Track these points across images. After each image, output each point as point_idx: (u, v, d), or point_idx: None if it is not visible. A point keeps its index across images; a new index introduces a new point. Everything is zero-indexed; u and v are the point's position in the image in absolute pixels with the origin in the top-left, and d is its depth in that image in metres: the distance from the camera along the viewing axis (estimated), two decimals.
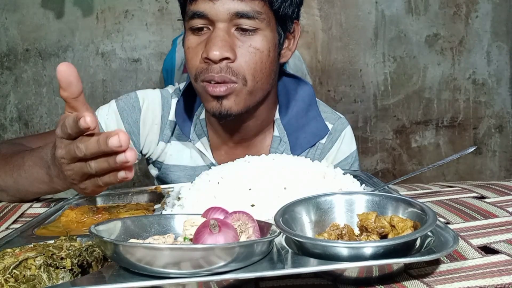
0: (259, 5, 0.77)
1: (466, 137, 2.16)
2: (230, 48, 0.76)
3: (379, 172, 2.11)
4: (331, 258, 0.40)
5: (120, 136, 0.47)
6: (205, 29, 0.79)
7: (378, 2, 2.04)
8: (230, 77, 0.76)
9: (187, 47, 0.81)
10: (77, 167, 0.53)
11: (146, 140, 0.91)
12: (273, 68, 0.83)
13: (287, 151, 0.90)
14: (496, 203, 0.62)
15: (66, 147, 0.53)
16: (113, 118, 0.89)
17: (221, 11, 0.76)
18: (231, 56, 0.76)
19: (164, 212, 0.63)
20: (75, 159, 0.52)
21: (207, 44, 0.77)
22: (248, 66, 0.78)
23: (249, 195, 0.58)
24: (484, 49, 2.11)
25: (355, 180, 0.67)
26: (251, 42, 0.78)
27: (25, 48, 1.93)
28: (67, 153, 0.52)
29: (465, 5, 2.07)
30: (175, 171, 0.92)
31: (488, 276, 0.40)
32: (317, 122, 0.92)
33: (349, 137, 0.95)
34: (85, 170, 0.52)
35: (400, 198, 0.51)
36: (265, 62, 0.79)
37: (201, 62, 0.78)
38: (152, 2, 1.93)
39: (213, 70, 0.76)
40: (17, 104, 1.96)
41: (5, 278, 0.39)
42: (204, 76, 0.77)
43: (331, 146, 0.93)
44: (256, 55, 0.78)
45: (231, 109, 0.79)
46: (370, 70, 2.08)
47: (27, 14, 1.91)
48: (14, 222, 0.67)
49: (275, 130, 0.91)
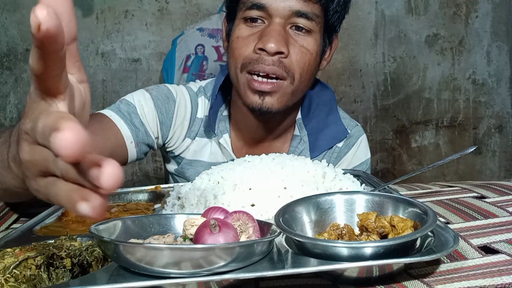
0: (317, 9, 0.80)
1: (466, 137, 2.16)
2: (285, 43, 0.78)
3: (379, 172, 2.11)
4: (331, 258, 0.40)
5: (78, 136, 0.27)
6: (259, 21, 0.80)
7: (378, 2, 2.04)
8: (281, 72, 0.79)
9: (236, 36, 0.82)
10: (38, 153, 0.33)
11: (174, 134, 0.91)
12: (315, 73, 0.86)
13: (306, 150, 0.92)
14: (496, 203, 0.62)
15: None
16: (149, 105, 0.86)
17: (282, 6, 0.78)
18: (285, 51, 0.78)
19: (164, 212, 0.63)
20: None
21: (263, 36, 0.78)
22: (298, 64, 0.80)
23: (249, 195, 0.58)
24: (484, 49, 2.12)
25: (355, 180, 0.67)
26: (304, 42, 0.80)
27: (25, 48, 1.93)
28: (32, 130, 0.33)
29: (465, 5, 2.07)
30: (195, 166, 0.93)
31: (488, 276, 0.40)
32: (337, 125, 0.95)
33: (365, 144, 0.98)
34: (47, 163, 0.33)
35: (400, 198, 0.51)
36: (312, 65, 0.82)
37: (253, 53, 0.79)
38: (152, 2, 1.93)
39: (265, 61, 0.78)
40: (17, 104, 1.96)
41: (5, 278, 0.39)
42: (253, 66, 0.79)
43: (348, 151, 0.96)
44: (306, 55, 0.81)
45: (272, 106, 0.81)
46: (370, 70, 2.08)
47: (27, 14, 1.90)
48: (14, 222, 0.67)
49: (295, 130, 0.94)
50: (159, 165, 1.97)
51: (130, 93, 0.88)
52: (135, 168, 1.97)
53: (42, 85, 0.32)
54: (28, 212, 0.71)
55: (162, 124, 0.88)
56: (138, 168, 1.96)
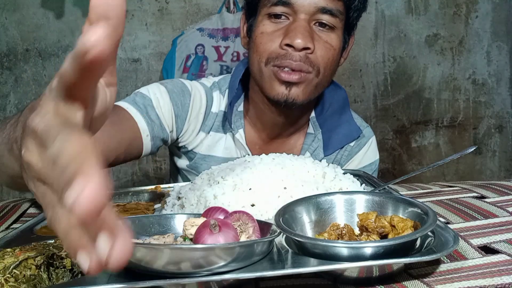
0: (341, 6, 0.82)
1: (466, 137, 2.16)
2: (311, 39, 0.80)
3: (379, 172, 2.11)
4: (331, 258, 0.40)
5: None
6: (283, 17, 0.81)
7: (378, 2, 2.04)
8: (307, 67, 0.81)
9: (260, 32, 0.83)
10: (43, 160, 0.28)
11: (189, 127, 0.91)
12: (335, 68, 0.88)
13: (319, 148, 0.94)
14: (496, 203, 0.62)
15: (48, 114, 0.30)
16: (165, 98, 0.86)
17: (308, 3, 0.79)
18: (312, 47, 0.80)
19: (164, 212, 0.63)
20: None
21: (289, 32, 0.79)
22: (323, 59, 0.82)
23: (249, 195, 0.58)
24: (484, 49, 2.12)
25: (355, 180, 0.67)
26: (328, 38, 0.82)
27: (25, 48, 1.93)
28: (40, 136, 0.28)
29: (465, 5, 2.07)
30: (209, 161, 0.93)
31: (488, 276, 0.40)
32: (350, 124, 0.97)
33: (375, 145, 1.01)
34: (51, 180, 0.27)
35: (400, 198, 0.51)
36: (335, 60, 0.85)
37: (279, 48, 0.80)
38: (152, 2, 1.93)
39: (292, 57, 0.79)
40: (17, 104, 1.96)
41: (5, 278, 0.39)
42: (280, 61, 0.80)
43: (358, 150, 0.97)
44: (330, 51, 0.83)
45: (298, 98, 0.82)
46: (370, 70, 2.08)
47: (27, 14, 1.91)
48: (14, 222, 0.67)
49: (309, 128, 0.95)
50: (159, 165, 1.97)
51: (133, 91, 0.88)
52: (135, 168, 1.97)
53: (69, 92, 0.28)
54: (28, 212, 0.71)
55: (177, 117, 0.88)
56: (138, 168, 1.96)
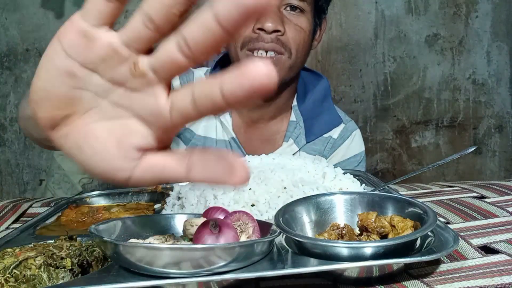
0: None
1: (466, 137, 2.16)
2: (281, 22, 0.85)
3: (379, 172, 2.11)
4: (331, 258, 0.40)
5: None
6: None
7: (378, 2, 2.04)
8: (279, 48, 0.85)
9: None
10: (69, 80, 0.27)
11: None
12: (308, 50, 0.93)
13: (301, 135, 0.97)
14: (496, 203, 0.62)
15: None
16: (175, 81, 0.92)
17: None
18: (282, 29, 0.84)
19: (164, 212, 0.63)
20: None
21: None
22: (294, 41, 0.87)
23: (249, 195, 0.58)
24: (484, 49, 2.11)
25: (355, 180, 0.67)
26: (297, 21, 0.87)
27: (25, 48, 1.93)
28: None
29: (465, 5, 2.07)
30: (205, 143, 0.96)
31: (488, 276, 0.40)
32: (331, 113, 1.01)
33: (359, 137, 1.03)
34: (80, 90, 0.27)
35: (400, 198, 0.51)
36: (306, 42, 0.89)
37: (252, 32, 0.85)
38: None
39: (264, 39, 0.84)
40: (17, 104, 1.96)
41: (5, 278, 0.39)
42: (253, 44, 0.85)
43: (342, 142, 1.00)
44: (300, 33, 0.88)
45: None
46: (370, 70, 2.07)
47: (27, 14, 1.91)
48: (14, 222, 0.67)
49: (292, 116, 0.99)
50: None
51: None
52: None
53: None
54: (28, 212, 0.71)
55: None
56: None
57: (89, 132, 0.28)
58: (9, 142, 1.97)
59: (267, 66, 0.24)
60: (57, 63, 0.27)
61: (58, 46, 0.26)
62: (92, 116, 0.28)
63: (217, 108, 0.25)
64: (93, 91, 0.27)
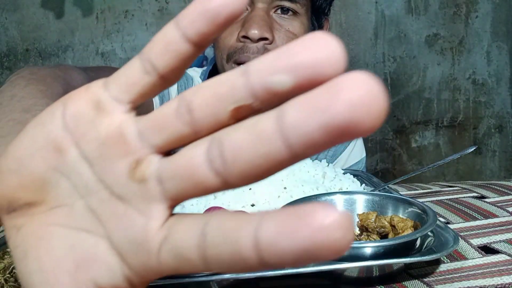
0: None
1: (466, 137, 2.16)
2: (269, 28, 0.74)
3: (379, 172, 2.11)
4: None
5: None
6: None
7: (378, 2, 2.04)
8: None
9: None
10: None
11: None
12: None
13: None
14: (496, 203, 0.62)
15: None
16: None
17: None
18: (269, 37, 0.74)
19: None
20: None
21: (245, 23, 0.74)
22: None
23: (249, 195, 0.58)
24: (484, 49, 2.11)
25: (355, 180, 0.66)
26: (289, 26, 0.76)
27: (25, 48, 1.93)
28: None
29: (465, 5, 2.07)
30: None
31: (488, 276, 0.40)
32: None
33: (361, 143, 0.98)
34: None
35: (400, 198, 0.51)
36: None
37: (237, 41, 0.76)
38: (152, 2, 1.93)
39: (249, 50, 0.74)
40: None
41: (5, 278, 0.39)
42: (238, 56, 0.75)
43: (344, 149, 0.95)
44: (292, 40, 0.77)
45: None
46: (370, 70, 2.07)
47: (27, 14, 1.91)
48: None
49: None
50: None
51: None
52: None
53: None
54: None
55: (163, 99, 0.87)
56: None
57: (44, 238, 0.20)
58: None
59: (344, 219, 0.14)
60: (48, 131, 0.20)
61: (58, 112, 0.20)
62: (58, 216, 0.20)
63: (240, 267, 0.15)
64: (73, 183, 0.20)
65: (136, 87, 0.19)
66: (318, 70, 0.15)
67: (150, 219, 0.18)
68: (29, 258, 0.20)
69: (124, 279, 0.19)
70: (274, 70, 0.15)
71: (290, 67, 0.15)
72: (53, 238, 0.20)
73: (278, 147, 0.15)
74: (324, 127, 0.14)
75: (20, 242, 0.21)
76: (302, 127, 0.14)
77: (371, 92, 0.14)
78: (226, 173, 0.16)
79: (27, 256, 0.20)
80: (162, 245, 0.17)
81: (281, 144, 0.15)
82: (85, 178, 0.19)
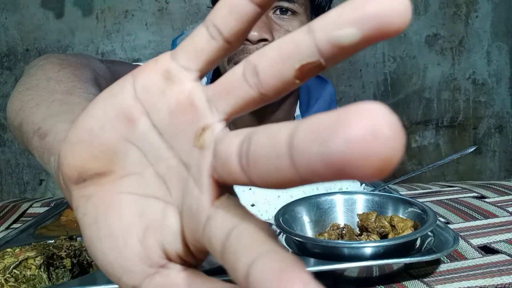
0: None
1: (466, 137, 2.16)
2: (268, 30, 0.74)
3: None
4: (331, 258, 0.40)
5: None
6: None
7: None
8: None
9: None
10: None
11: None
12: None
13: None
14: (496, 203, 0.62)
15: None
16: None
17: None
18: (269, 38, 0.74)
19: None
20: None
21: None
22: None
23: (249, 195, 0.58)
24: (484, 49, 2.11)
25: (355, 180, 0.67)
26: (289, 26, 0.76)
27: (25, 48, 1.93)
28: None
29: (465, 5, 2.07)
30: None
31: (488, 276, 0.40)
32: None
33: None
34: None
35: (400, 198, 0.51)
36: None
37: None
38: (152, 2, 1.93)
39: (249, 51, 0.74)
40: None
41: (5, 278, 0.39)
42: (238, 57, 0.75)
43: None
44: None
45: None
46: (370, 70, 2.07)
47: (27, 14, 1.91)
48: (14, 222, 0.67)
49: None
50: None
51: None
52: None
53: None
54: (28, 212, 0.71)
55: None
56: None
57: (115, 205, 0.21)
58: (9, 142, 1.97)
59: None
60: (120, 102, 0.20)
61: (129, 84, 0.20)
62: (128, 184, 0.21)
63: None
64: (144, 151, 0.20)
65: (204, 54, 0.19)
66: (385, 20, 0.14)
67: (203, 192, 0.18)
68: (99, 224, 0.21)
69: (184, 246, 0.20)
70: (341, 24, 0.15)
71: (357, 19, 0.15)
72: (123, 205, 0.21)
73: (287, 165, 0.14)
74: (323, 159, 0.13)
75: (90, 210, 0.21)
76: (305, 153, 0.13)
77: (382, 129, 0.12)
78: (248, 172, 0.16)
79: (97, 223, 0.21)
80: (206, 223, 0.18)
81: (289, 163, 0.14)
82: (155, 146, 0.20)
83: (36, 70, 0.47)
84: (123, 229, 0.20)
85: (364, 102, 0.13)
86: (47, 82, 0.43)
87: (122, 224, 0.20)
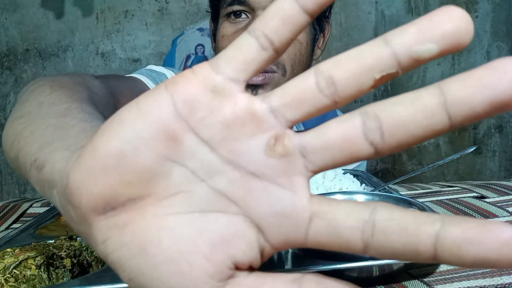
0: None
1: (466, 137, 2.16)
2: None
3: (379, 172, 2.11)
4: (331, 258, 0.40)
5: None
6: (243, 16, 0.77)
7: (378, 2, 2.04)
8: (271, 67, 0.75)
9: (221, 35, 0.79)
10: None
11: None
12: (308, 63, 0.82)
13: None
14: (496, 203, 0.62)
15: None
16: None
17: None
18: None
19: None
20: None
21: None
22: (288, 56, 0.76)
23: None
24: (484, 49, 2.12)
25: (355, 180, 0.66)
26: None
27: (25, 48, 1.93)
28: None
29: (465, 5, 2.07)
30: None
31: (488, 276, 0.40)
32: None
33: None
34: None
35: (400, 198, 0.51)
36: (304, 55, 0.79)
37: None
38: (152, 2, 1.93)
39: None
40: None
41: (5, 278, 0.39)
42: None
43: None
44: (296, 46, 0.77)
45: None
46: None
47: (27, 14, 1.91)
48: (14, 221, 0.67)
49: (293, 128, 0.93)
50: None
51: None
52: None
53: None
54: (28, 212, 0.71)
55: None
56: None
57: (166, 228, 0.19)
58: None
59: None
60: (158, 121, 0.19)
61: (165, 100, 0.19)
62: (175, 204, 0.20)
63: (411, 257, 0.18)
64: (191, 169, 0.19)
65: (254, 65, 0.19)
66: (460, 37, 0.17)
67: (296, 193, 0.19)
68: (149, 253, 0.19)
69: (259, 252, 0.20)
70: (422, 40, 0.17)
71: (438, 36, 0.17)
72: (176, 226, 0.19)
73: (442, 119, 0.17)
74: (489, 103, 0.16)
75: (129, 239, 0.20)
76: (467, 103, 0.16)
77: None
78: (381, 144, 0.18)
79: (145, 251, 0.19)
80: (313, 220, 0.19)
81: (445, 117, 0.17)
82: (206, 162, 0.19)
83: (27, 96, 0.45)
84: (185, 251, 0.19)
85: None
86: (39, 107, 0.40)
87: (182, 246, 0.19)
